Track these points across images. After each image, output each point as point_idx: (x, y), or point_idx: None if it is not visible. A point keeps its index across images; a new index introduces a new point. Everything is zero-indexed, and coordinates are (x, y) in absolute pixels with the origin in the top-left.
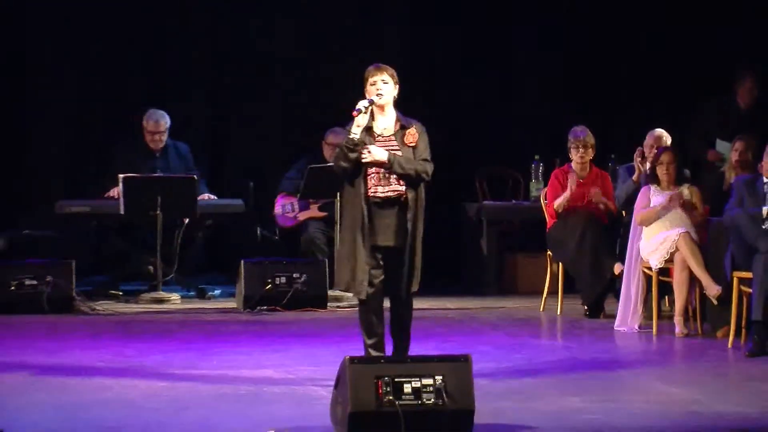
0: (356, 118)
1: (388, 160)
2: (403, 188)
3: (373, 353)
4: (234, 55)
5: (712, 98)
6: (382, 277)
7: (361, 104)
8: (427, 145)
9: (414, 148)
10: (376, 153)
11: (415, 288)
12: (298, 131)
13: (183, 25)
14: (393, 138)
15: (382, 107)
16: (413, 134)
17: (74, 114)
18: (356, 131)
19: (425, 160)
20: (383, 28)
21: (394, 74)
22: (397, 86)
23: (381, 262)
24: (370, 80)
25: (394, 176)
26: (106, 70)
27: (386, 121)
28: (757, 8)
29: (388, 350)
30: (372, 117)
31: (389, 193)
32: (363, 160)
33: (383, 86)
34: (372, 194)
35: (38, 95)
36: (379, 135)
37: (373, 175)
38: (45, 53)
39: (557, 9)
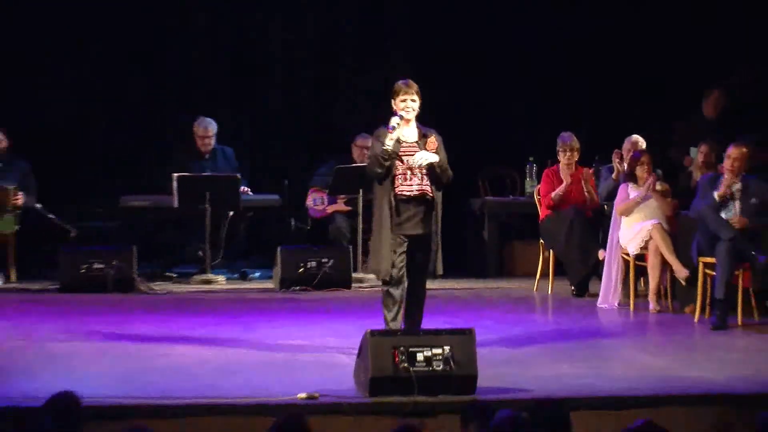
0: (390, 134)
1: (440, 160)
2: (427, 187)
3: (393, 326)
4: (256, 59)
5: (689, 113)
6: (404, 263)
7: (394, 121)
8: (445, 153)
9: (435, 154)
10: (429, 157)
11: (440, 272)
12: (310, 131)
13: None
14: (416, 145)
15: (408, 120)
16: (433, 142)
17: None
18: (389, 143)
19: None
20: (385, 35)
21: (419, 90)
22: (420, 100)
23: (405, 250)
24: (401, 96)
25: (417, 176)
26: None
27: (410, 131)
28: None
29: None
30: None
31: (414, 192)
32: (418, 164)
33: (411, 104)
34: (399, 192)
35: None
36: (404, 142)
37: (400, 176)
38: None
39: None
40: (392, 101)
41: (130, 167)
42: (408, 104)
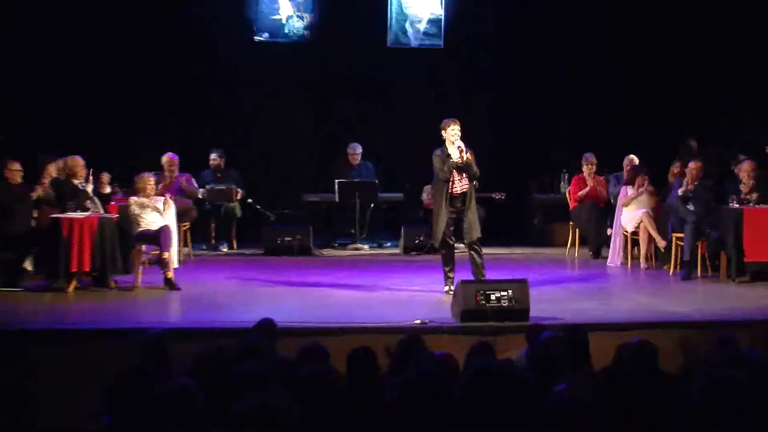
0: (454, 154)
1: (473, 163)
2: (467, 187)
3: (450, 275)
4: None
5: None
6: (452, 235)
7: (458, 143)
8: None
9: (471, 161)
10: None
11: (478, 235)
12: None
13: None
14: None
15: (453, 142)
16: (470, 156)
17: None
18: (457, 157)
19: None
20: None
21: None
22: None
23: (453, 228)
24: (451, 127)
25: (460, 179)
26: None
27: (454, 149)
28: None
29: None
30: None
31: (461, 189)
32: (458, 145)
33: (458, 132)
34: (452, 189)
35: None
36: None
37: (454, 179)
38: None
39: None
40: (443, 131)
41: (310, 174)
42: (456, 132)
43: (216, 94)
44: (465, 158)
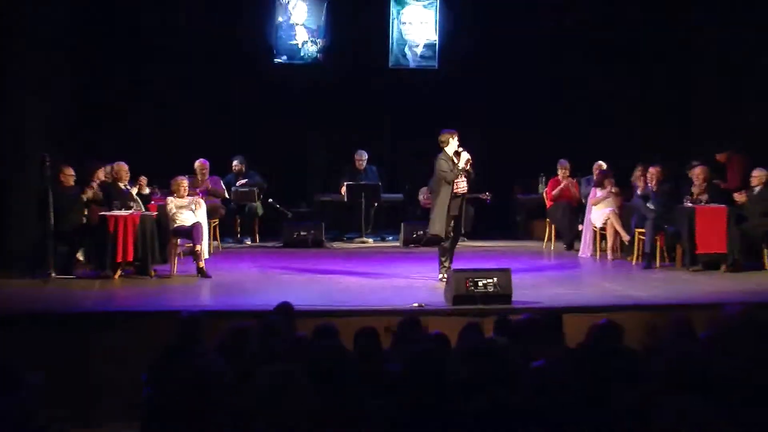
0: (462, 161)
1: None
2: (465, 188)
3: (445, 264)
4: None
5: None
6: (452, 229)
7: (465, 154)
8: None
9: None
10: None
11: (464, 230)
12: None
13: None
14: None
15: (459, 153)
16: (468, 160)
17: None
18: (463, 165)
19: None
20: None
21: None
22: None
23: (452, 222)
24: (454, 139)
25: (460, 182)
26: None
27: (462, 159)
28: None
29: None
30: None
31: (461, 191)
32: (466, 158)
33: (457, 141)
34: (454, 191)
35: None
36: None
37: (457, 181)
38: None
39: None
40: (451, 138)
41: (322, 177)
42: (457, 141)
43: (241, 107)
44: (470, 168)
